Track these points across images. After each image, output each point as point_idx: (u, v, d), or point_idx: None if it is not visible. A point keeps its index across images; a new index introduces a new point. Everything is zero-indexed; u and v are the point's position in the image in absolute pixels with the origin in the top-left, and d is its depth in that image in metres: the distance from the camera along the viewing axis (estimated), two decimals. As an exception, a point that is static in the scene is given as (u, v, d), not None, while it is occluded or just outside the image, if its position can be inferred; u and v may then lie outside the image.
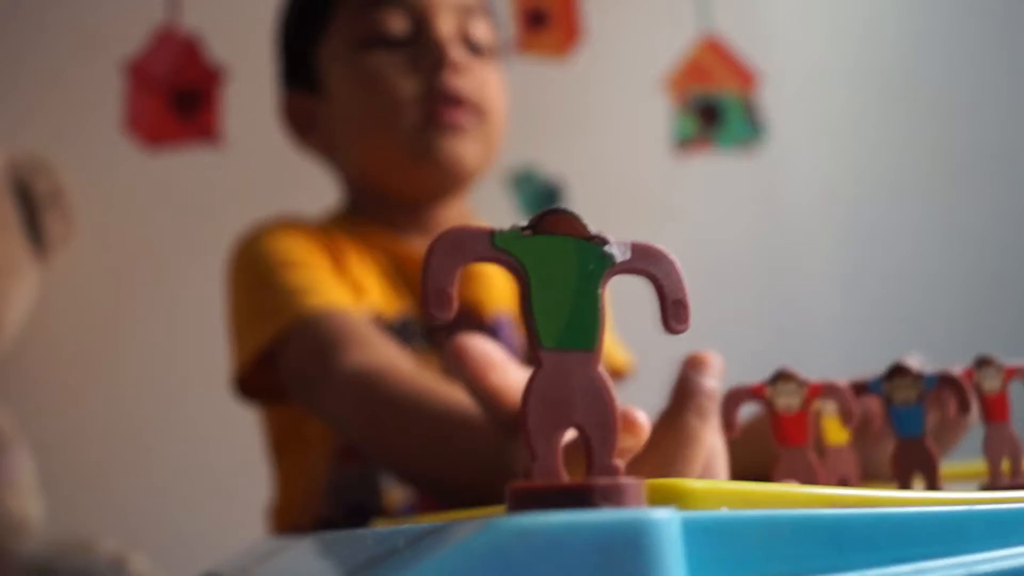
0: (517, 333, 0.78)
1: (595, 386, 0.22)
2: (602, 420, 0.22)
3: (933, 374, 0.44)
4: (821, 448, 0.48)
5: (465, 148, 0.74)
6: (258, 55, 1.00)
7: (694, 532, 0.21)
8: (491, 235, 0.22)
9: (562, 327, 0.22)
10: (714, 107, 1.26)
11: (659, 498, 0.24)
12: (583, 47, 1.26)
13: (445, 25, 0.74)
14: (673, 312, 0.23)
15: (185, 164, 1.17)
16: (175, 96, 1.25)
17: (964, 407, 0.45)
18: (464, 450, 0.46)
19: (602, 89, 1.26)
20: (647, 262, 0.23)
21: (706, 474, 0.38)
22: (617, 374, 0.85)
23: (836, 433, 0.48)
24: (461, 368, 0.38)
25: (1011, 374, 0.47)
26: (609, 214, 1.28)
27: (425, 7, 0.75)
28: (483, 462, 0.43)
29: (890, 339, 1.37)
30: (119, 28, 1.18)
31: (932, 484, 0.43)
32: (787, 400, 0.42)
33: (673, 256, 0.24)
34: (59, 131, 1.17)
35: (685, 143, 1.24)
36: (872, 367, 1.45)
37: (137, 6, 1.21)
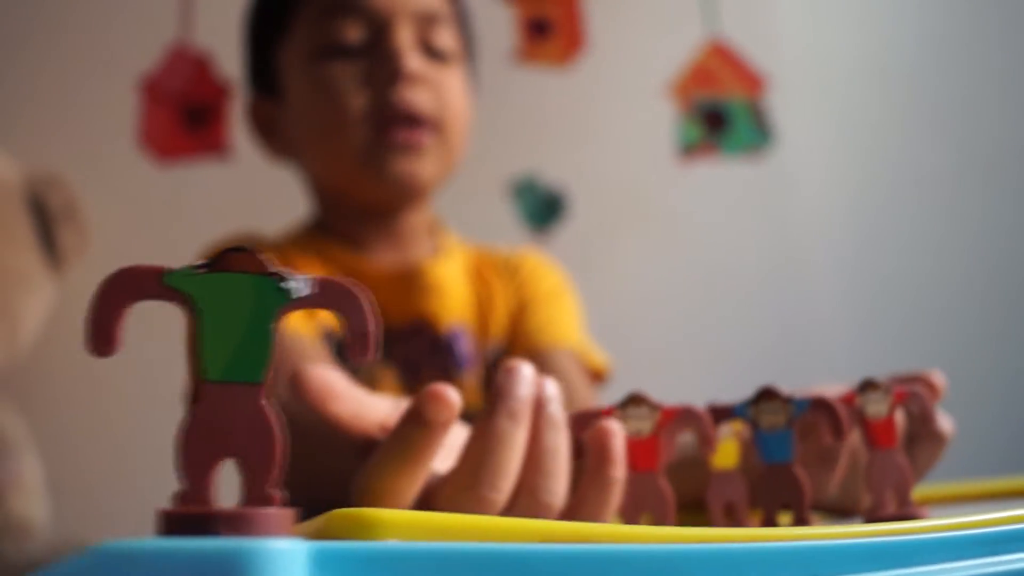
0: (472, 345, 0.79)
1: (259, 417, 0.24)
2: (263, 451, 0.23)
3: (804, 398, 0.44)
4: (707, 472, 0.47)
5: (420, 166, 0.74)
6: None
7: (328, 564, 0.22)
8: (161, 274, 0.24)
9: (229, 361, 0.24)
10: (721, 112, 1.24)
11: (340, 528, 0.25)
12: (586, 55, 1.27)
13: (403, 34, 0.74)
14: (358, 344, 0.24)
15: (194, 177, 1.21)
16: (186, 111, 1.31)
17: (838, 433, 0.44)
18: (326, 468, 0.48)
19: (606, 96, 1.26)
20: (330, 298, 0.24)
21: (540, 477, 0.38)
22: (595, 376, 0.85)
23: (725, 457, 0.48)
24: (301, 399, 0.40)
25: (900, 398, 0.46)
26: (614, 222, 1.27)
27: (383, 16, 0.74)
28: (341, 482, 0.45)
29: (899, 347, 1.33)
30: (133, 46, 1.24)
31: (800, 515, 0.42)
32: (637, 424, 0.42)
33: (360, 292, 0.24)
34: (74, 146, 1.23)
35: (690, 149, 1.24)
36: (881, 376, 1.40)
37: (151, 24, 1.26)
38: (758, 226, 1.27)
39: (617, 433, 0.39)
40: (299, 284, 0.24)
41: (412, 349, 0.76)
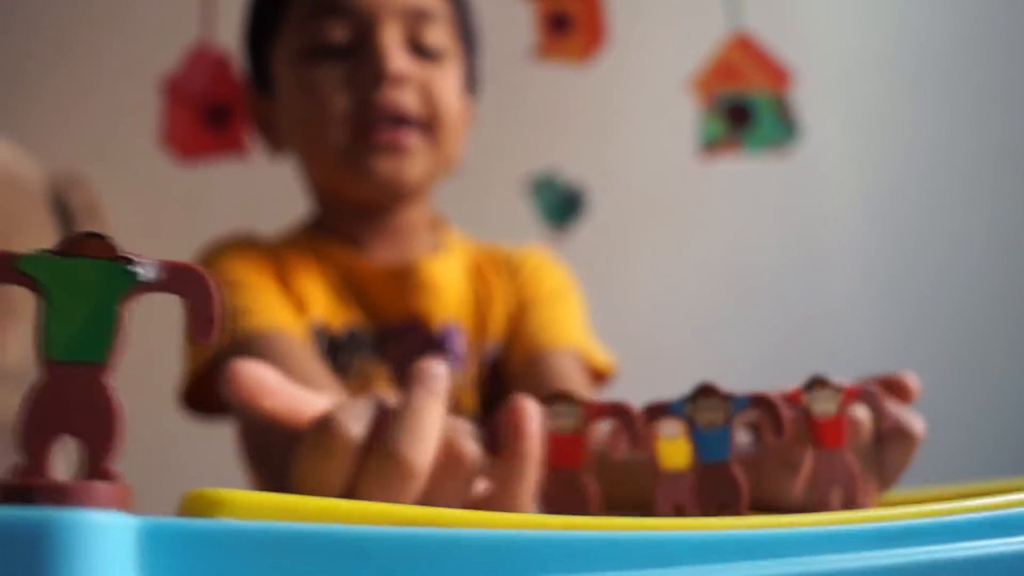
0: (467, 343, 0.79)
1: (100, 396, 0.24)
2: (102, 429, 0.24)
3: (744, 395, 0.43)
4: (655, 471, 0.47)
5: (406, 166, 0.74)
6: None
7: (158, 539, 0.23)
8: (11, 258, 0.25)
9: (72, 341, 0.25)
10: (744, 107, 1.23)
11: (192, 507, 0.26)
12: (606, 50, 1.26)
13: (388, 34, 0.75)
14: (201, 327, 0.25)
15: (214, 176, 1.24)
16: (207, 111, 1.35)
17: (777, 430, 0.43)
18: (280, 461, 0.49)
19: (626, 92, 1.26)
20: (177, 282, 0.25)
21: (450, 451, 0.39)
22: (600, 377, 0.85)
23: (675, 457, 0.47)
24: (234, 395, 0.41)
25: (851, 396, 0.45)
26: (634, 219, 1.27)
27: (369, 15, 0.75)
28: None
29: (921, 343, 1.30)
30: (154, 47, 1.27)
31: (736, 515, 0.42)
32: (562, 421, 0.42)
33: (208, 276, 0.25)
34: (95, 146, 1.28)
35: (712, 146, 1.22)
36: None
37: (172, 25, 1.30)
38: (781, 223, 1.25)
39: (532, 413, 0.39)
40: (146, 268, 0.25)
41: (406, 347, 0.76)
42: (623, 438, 0.43)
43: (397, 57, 0.74)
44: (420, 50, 0.77)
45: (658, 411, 0.43)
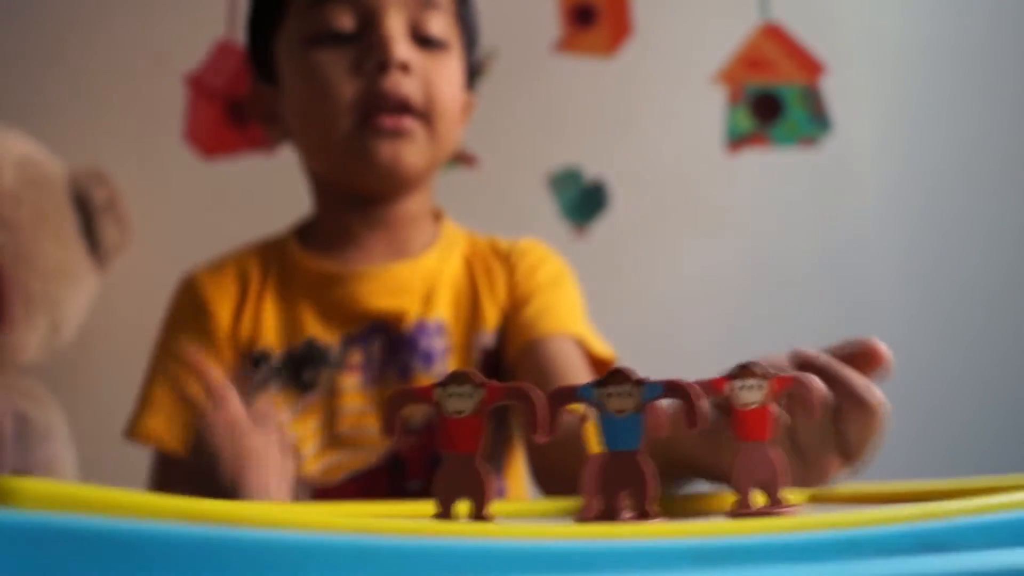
0: (453, 335, 0.78)
1: None
2: None
3: (657, 381, 0.41)
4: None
5: (407, 152, 0.74)
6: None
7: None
8: None
9: None
10: (774, 99, 1.19)
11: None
12: (631, 42, 1.24)
13: (393, 22, 0.74)
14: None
15: (236, 171, 1.26)
16: (231, 107, 1.37)
17: (691, 420, 0.41)
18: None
19: (651, 85, 1.23)
20: None
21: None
22: (601, 366, 0.83)
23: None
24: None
25: (780, 385, 0.43)
26: (661, 215, 1.24)
27: (374, 3, 0.75)
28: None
29: (964, 347, 1.24)
30: (180, 43, 1.30)
31: (640, 506, 0.40)
32: (458, 403, 0.40)
33: None
34: (118, 142, 1.31)
35: (740, 140, 1.19)
36: (943, 376, 1.31)
37: (197, 23, 1.32)
38: (810, 218, 1.21)
39: None
40: None
41: (372, 349, 0.76)
42: (530, 423, 0.41)
43: (402, 45, 0.73)
44: (423, 40, 0.76)
45: (565, 396, 0.42)
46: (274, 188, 1.21)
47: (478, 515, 0.40)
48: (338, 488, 0.73)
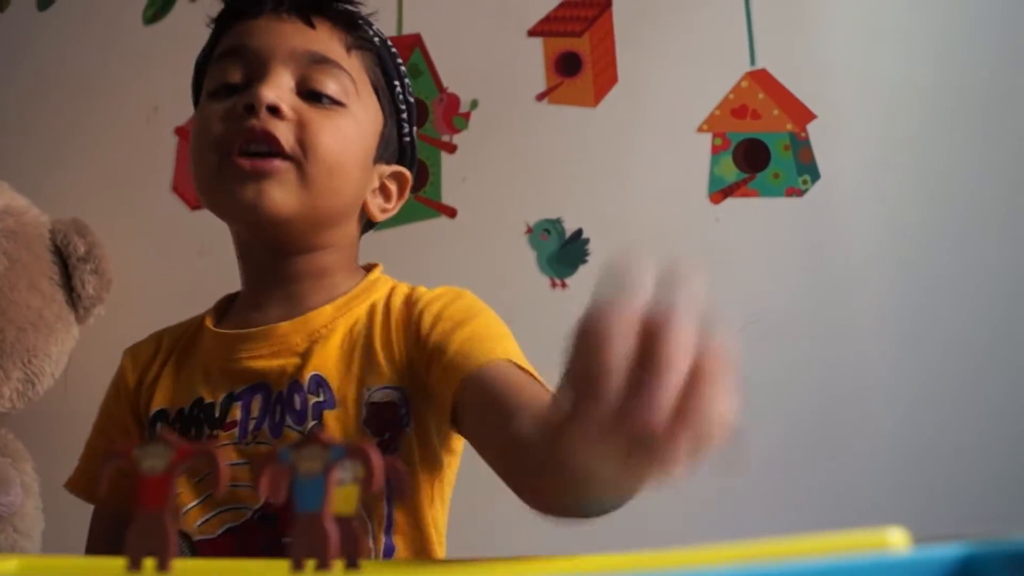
0: (325, 393, 0.78)
1: None
2: None
3: (341, 445, 0.42)
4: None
5: (271, 192, 0.75)
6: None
7: None
8: None
9: None
10: (760, 147, 1.17)
11: None
12: (616, 91, 1.25)
13: (275, 74, 0.77)
14: None
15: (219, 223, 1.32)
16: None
17: (367, 484, 0.42)
18: None
19: (636, 135, 1.23)
20: None
21: None
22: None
23: (344, 503, 0.46)
24: None
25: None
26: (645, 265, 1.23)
27: (262, 58, 0.79)
28: None
29: (947, 395, 1.19)
30: (172, 97, 1.37)
31: (322, 565, 0.41)
32: (152, 462, 0.42)
33: None
34: (106, 193, 1.39)
35: (725, 191, 1.18)
36: (925, 422, 1.25)
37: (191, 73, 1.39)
38: (800, 269, 1.18)
39: None
40: None
41: (251, 408, 0.78)
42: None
43: (274, 91, 0.76)
44: (312, 94, 0.79)
45: (268, 458, 0.43)
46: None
47: (162, 568, 0.42)
48: (215, 541, 0.76)
